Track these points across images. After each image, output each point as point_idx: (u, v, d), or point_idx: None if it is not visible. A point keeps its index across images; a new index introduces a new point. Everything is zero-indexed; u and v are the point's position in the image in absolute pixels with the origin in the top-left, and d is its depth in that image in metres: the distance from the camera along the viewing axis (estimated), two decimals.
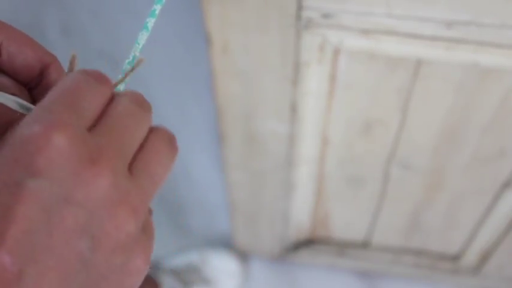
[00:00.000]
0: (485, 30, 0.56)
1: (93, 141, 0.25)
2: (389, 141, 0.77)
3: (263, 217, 0.98)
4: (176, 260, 1.10)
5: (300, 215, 0.97)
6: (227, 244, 1.12)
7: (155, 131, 0.29)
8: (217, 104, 0.72)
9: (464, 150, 0.76)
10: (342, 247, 1.05)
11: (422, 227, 0.96)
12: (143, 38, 0.35)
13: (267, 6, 0.57)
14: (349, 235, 1.03)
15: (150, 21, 0.35)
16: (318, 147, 0.80)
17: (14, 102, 0.32)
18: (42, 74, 0.33)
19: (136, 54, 0.34)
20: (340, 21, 0.58)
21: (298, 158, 0.81)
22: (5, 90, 0.33)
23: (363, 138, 0.77)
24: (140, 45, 0.35)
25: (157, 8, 0.35)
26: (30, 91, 0.34)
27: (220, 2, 0.57)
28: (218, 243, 1.12)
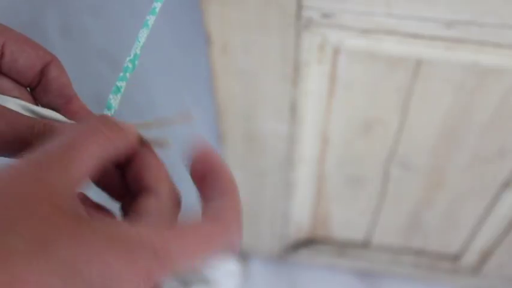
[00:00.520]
0: (486, 30, 0.56)
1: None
2: (389, 141, 0.77)
3: (263, 217, 0.98)
4: None
5: (300, 215, 0.97)
6: None
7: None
8: (217, 104, 0.72)
9: (464, 150, 0.76)
10: (342, 247, 1.05)
11: (422, 227, 0.96)
12: (144, 36, 0.35)
13: (267, 6, 0.57)
14: (349, 235, 1.03)
15: (151, 19, 0.35)
16: (317, 147, 0.80)
17: (17, 104, 0.32)
18: (42, 73, 0.34)
19: (137, 51, 0.34)
20: (340, 21, 0.58)
21: (298, 158, 0.81)
22: (7, 93, 0.33)
23: (363, 138, 0.77)
24: (141, 43, 0.35)
25: (158, 6, 0.35)
26: (31, 91, 0.34)
27: (220, 2, 0.57)
28: None
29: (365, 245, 1.05)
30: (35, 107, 0.33)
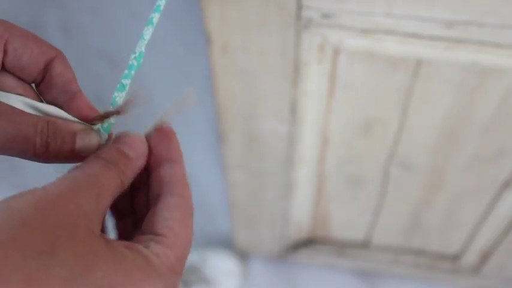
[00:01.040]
0: (485, 30, 0.56)
1: None
2: (389, 141, 0.77)
3: (263, 217, 0.98)
4: None
5: (300, 215, 0.97)
6: (227, 244, 1.12)
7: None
8: (217, 104, 0.72)
9: (464, 150, 0.76)
10: (342, 247, 1.05)
11: (422, 227, 0.96)
12: (148, 33, 0.35)
13: (267, 6, 0.57)
14: (349, 235, 1.03)
15: (155, 16, 0.35)
16: (318, 147, 0.80)
17: (20, 102, 0.32)
18: (46, 68, 0.33)
19: (142, 49, 0.34)
20: (340, 21, 0.58)
21: (298, 158, 0.81)
22: (10, 90, 0.33)
23: (363, 138, 0.77)
24: (146, 40, 0.35)
25: (162, 4, 0.35)
26: (36, 87, 0.34)
27: (220, 1, 0.57)
28: (218, 243, 1.12)
29: (365, 245, 1.05)
30: (38, 104, 0.33)
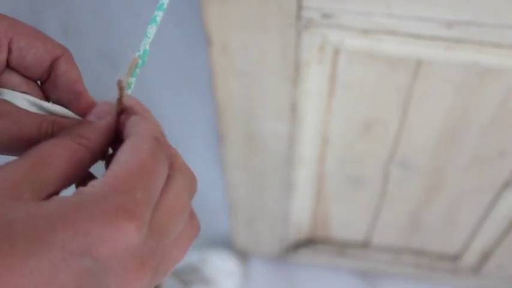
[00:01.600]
0: (486, 30, 0.56)
1: (150, 244, 0.26)
2: (389, 141, 0.77)
3: (263, 217, 0.98)
4: None
5: (300, 215, 0.97)
6: (227, 244, 1.12)
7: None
8: (217, 104, 0.72)
9: (464, 150, 0.76)
10: (342, 247, 1.05)
11: (422, 227, 0.96)
12: (152, 31, 0.35)
13: (267, 6, 0.57)
14: (349, 235, 1.03)
15: (159, 15, 0.35)
16: (318, 147, 0.80)
17: (25, 100, 0.32)
18: (51, 67, 0.33)
19: (147, 47, 0.34)
20: (340, 21, 0.58)
21: (298, 158, 0.81)
22: (15, 88, 0.32)
23: (363, 138, 0.77)
24: (150, 39, 0.34)
25: (165, 2, 0.35)
26: (41, 85, 0.34)
27: (220, 2, 0.57)
28: (218, 243, 1.12)
29: (365, 245, 1.05)
30: (43, 103, 0.32)
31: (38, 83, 0.34)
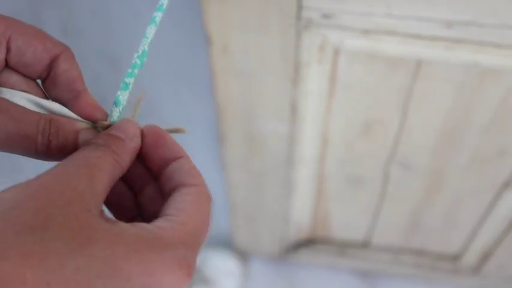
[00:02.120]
0: (486, 30, 0.56)
1: None
2: (389, 141, 0.77)
3: (263, 217, 0.98)
4: None
5: (300, 215, 0.97)
6: (227, 244, 1.12)
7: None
8: (217, 104, 0.72)
9: (464, 150, 0.76)
10: (342, 247, 1.05)
11: (422, 227, 0.96)
12: (151, 32, 0.35)
13: (267, 7, 0.57)
14: (349, 235, 1.03)
15: (158, 15, 0.35)
16: (318, 147, 0.80)
17: (24, 99, 0.32)
18: (51, 65, 0.33)
19: (146, 48, 0.34)
20: (340, 21, 0.58)
21: (298, 158, 0.81)
22: (15, 87, 0.32)
23: (363, 139, 0.77)
24: (149, 39, 0.34)
25: (165, 3, 0.35)
26: (41, 83, 0.34)
27: (220, 2, 0.57)
28: (218, 243, 1.12)
29: (365, 245, 1.05)
30: (42, 101, 0.32)
31: (39, 82, 0.34)
